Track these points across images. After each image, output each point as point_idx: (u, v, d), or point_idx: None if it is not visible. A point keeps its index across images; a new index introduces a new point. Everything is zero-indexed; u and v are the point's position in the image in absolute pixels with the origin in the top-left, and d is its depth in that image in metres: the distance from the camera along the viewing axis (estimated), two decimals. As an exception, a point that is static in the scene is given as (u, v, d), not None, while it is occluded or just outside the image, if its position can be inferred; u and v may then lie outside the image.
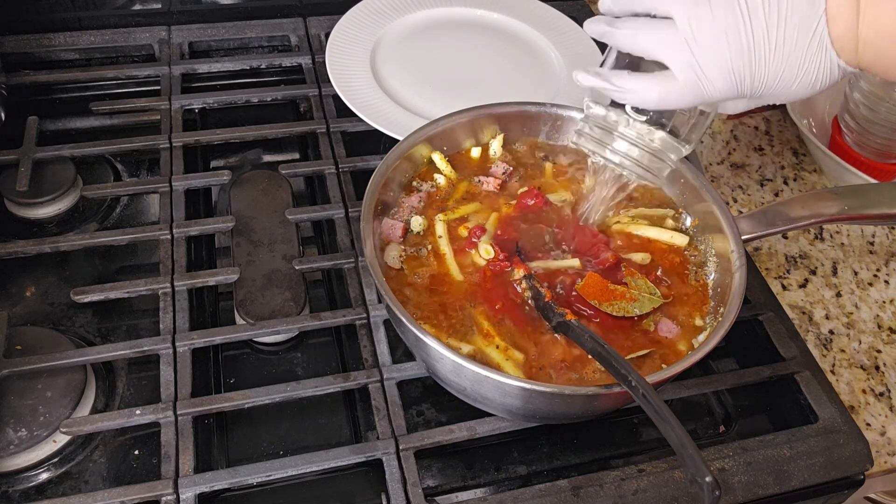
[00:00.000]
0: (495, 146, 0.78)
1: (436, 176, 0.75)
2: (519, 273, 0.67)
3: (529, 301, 0.65)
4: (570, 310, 0.64)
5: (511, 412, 0.63)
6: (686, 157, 0.68)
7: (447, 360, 0.57)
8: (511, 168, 0.77)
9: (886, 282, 0.86)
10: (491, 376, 0.55)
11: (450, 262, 0.68)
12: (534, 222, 0.72)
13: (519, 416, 0.64)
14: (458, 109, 0.76)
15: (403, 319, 0.58)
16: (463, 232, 0.70)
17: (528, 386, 0.55)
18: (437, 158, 0.75)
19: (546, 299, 0.64)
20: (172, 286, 0.72)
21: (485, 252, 0.68)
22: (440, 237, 0.70)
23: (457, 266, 0.68)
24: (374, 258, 0.64)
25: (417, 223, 0.70)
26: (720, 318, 0.63)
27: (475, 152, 0.78)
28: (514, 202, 0.73)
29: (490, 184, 0.75)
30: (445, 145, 0.76)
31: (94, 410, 0.67)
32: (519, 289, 0.66)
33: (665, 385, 0.62)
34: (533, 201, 0.72)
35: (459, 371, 0.58)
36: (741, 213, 0.92)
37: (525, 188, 0.74)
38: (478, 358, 0.61)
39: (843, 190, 0.73)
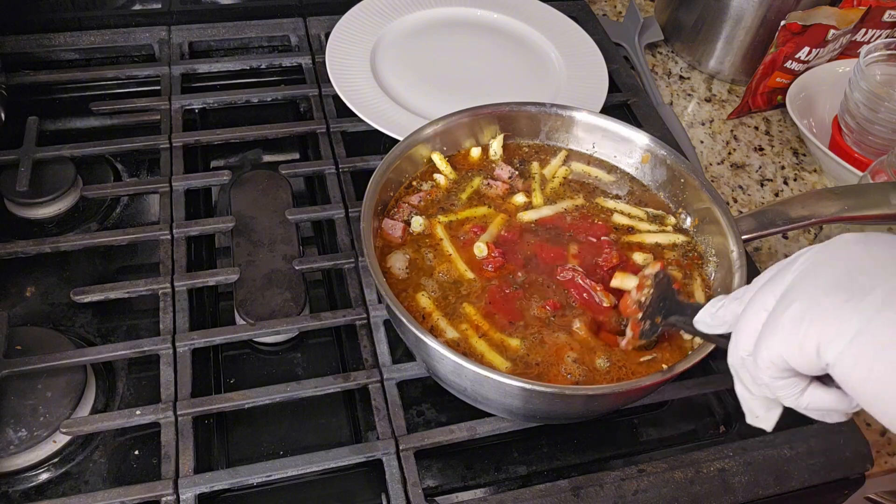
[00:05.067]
0: (495, 146, 0.78)
1: (436, 176, 0.75)
2: (655, 268, 0.62)
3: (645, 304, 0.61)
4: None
5: (511, 412, 0.63)
6: (686, 157, 0.68)
7: (448, 360, 0.57)
8: (516, 172, 0.77)
9: (886, 282, 0.86)
10: (491, 376, 0.55)
11: (457, 262, 0.68)
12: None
13: (519, 416, 0.64)
14: (457, 109, 0.76)
15: (404, 320, 0.58)
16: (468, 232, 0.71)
17: (528, 386, 0.55)
18: (437, 159, 0.75)
19: (674, 286, 0.60)
20: (172, 286, 0.72)
21: (478, 251, 0.68)
22: (441, 239, 0.70)
23: (465, 265, 0.68)
24: (374, 258, 0.63)
25: (418, 223, 0.70)
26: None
27: (475, 152, 0.78)
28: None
29: (499, 188, 0.75)
30: (445, 145, 0.76)
31: (94, 410, 0.67)
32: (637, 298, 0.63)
33: (665, 385, 0.62)
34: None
35: (460, 371, 0.58)
36: (741, 213, 0.92)
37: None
38: (461, 346, 0.62)
39: (843, 190, 0.73)
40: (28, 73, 0.93)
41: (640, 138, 0.76)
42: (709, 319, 0.48)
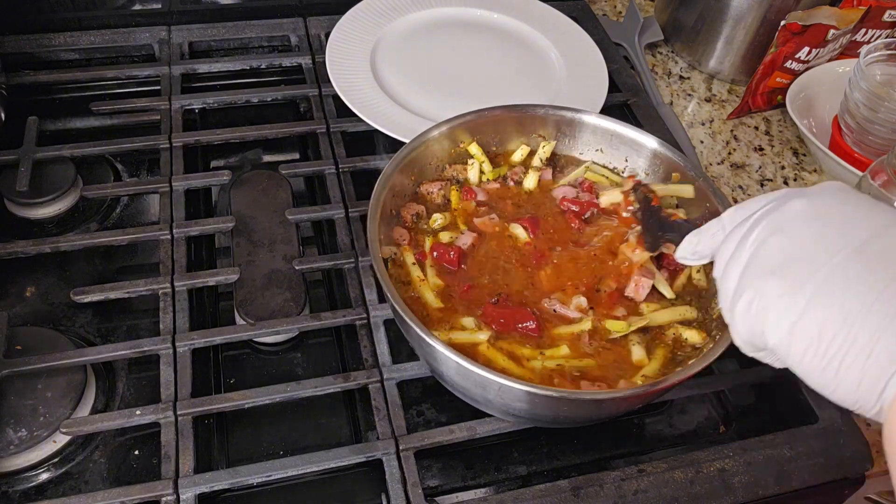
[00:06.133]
0: (543, 152, 0.75)
1: (469, 163, 0.74)
2: (629, 183, 0.70)
3: (637, 214, 0.67)
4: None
5: (516, 416, 0.62)
6: (685, 154, 0.67)
7: (451, 362, 0.56)
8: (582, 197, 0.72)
9: (886, 282, 0.86)
10: (496, 379, 0.55)
11: (424, 290, 0.65)
12: None
13: (524, 420, 0.64)
14: (459, 109, 0.75)
15: (408, 321, 0.58)
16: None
17: (533, 390, 0.54)
18: (475, 149, 0.74)
19: (653, 203, 0.65)
20: (172, 286, 0.72)
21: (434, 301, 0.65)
22: (413, 264, 0.67)
23: (433, 295, 0.65)
24: (379, 259, 0.63)
25: (436, 221, 0.69)
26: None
27: (518, 155, 0.76)
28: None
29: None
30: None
31: (94, 410, 0.67)
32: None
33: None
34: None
35: (465, 374, 0.57)
36: (741, 213, 0.92)
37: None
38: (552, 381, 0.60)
39: None
40: (28, 73, 0.93)
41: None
42: (690, 256, 0.54)
